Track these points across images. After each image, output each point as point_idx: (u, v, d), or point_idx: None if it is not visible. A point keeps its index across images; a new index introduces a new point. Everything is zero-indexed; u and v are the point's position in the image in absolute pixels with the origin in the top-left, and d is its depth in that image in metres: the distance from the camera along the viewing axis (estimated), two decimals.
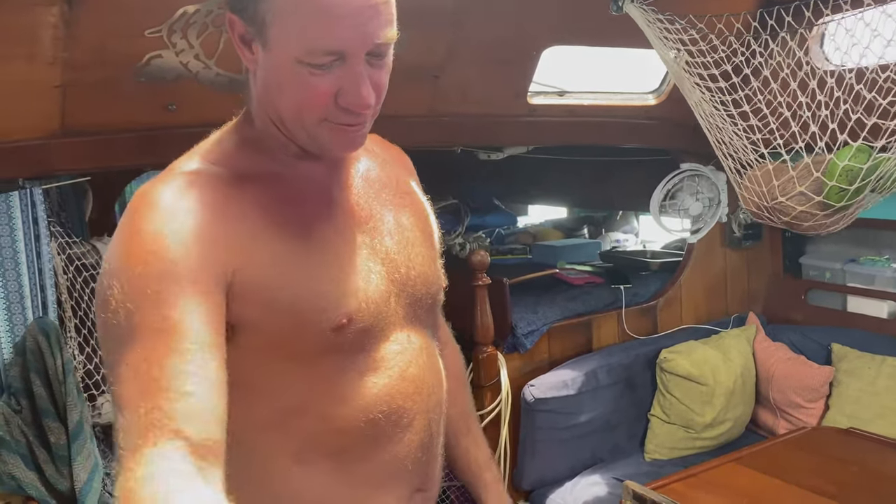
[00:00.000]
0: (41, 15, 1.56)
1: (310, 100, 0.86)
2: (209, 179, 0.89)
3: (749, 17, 1.89)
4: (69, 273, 1.98)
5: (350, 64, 0.84)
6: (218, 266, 0.83)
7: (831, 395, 2.66)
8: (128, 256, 0.81)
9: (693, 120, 2.06)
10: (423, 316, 1.03)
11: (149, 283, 0.79)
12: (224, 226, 0.85)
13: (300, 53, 0.83)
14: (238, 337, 0.87)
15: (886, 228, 2.78)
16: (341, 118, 0.87)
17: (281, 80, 0.87)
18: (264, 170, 0.93)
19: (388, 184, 1.04)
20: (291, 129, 0.91)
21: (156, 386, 0.75)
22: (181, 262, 0.80)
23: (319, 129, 0.88)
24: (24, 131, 1.78)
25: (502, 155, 3.03)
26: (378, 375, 0.93)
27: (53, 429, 1.83)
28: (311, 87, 0.85)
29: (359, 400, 0.92)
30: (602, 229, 4.33)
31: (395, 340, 0.96)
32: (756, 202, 1.97)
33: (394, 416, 0.94)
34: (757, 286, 3.24)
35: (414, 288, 1.00)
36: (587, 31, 2.31)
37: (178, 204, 0.84)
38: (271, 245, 0.87)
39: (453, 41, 2.13)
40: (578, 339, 2.83)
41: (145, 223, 0.83)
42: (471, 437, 1.27)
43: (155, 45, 1.74)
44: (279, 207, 0.90)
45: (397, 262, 0.98)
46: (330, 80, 0.85)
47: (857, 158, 1.73)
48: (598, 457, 2.64)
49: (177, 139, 1.86)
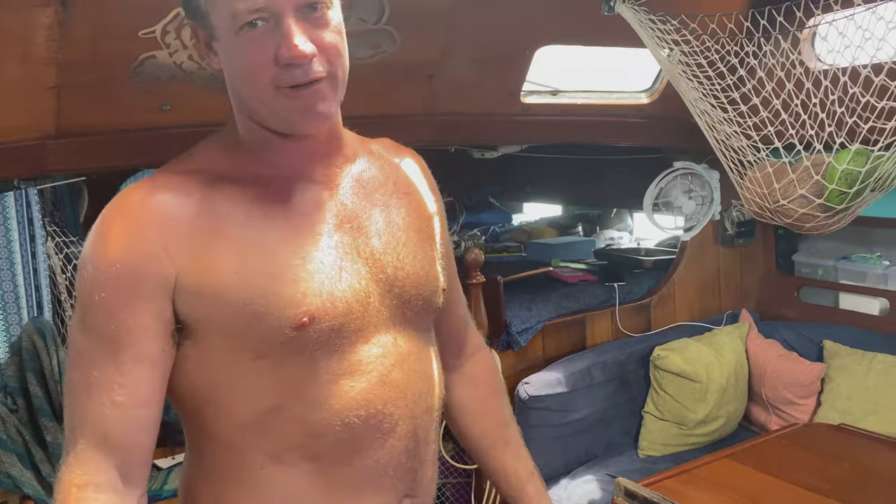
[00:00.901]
0: (36, 16, 1.56)
1: (252, 63, 0.88)
2: (186, 181, 0.91)
3: (741, 18, 1.90)
4: (67, 272, 1.99)
5: (280, 21, 0.86)
6: (163, 270, 0.87)
7: (823, 391, 2.68)
8: (86, 256, 0.89)
9: (686, 118, 2.08)
10: (414, 318, 1.01)
11: (97, 287, 0.86)
12: (181, 228, 0.88)
13: (231, 21, 0.87)
14: (203, 336, 0.89)
15: (878, 226, 2.80)
16: (288, 78, 0.87)
17: (229, 58, 0.91)
18: (245, 171, 0.94)
19: (384, 184, 1.03)
20: (253, 107, 0.92)
21: (94, 388, 0.86)
22: (125, 271, 0.86)
23: (275, 100, 0.89)
24: (19, 132, 1.78)
25: (496, 154, 3.04)
26: (354, 379, 0.92)
27: (50, 428, 1.83)
28: (249, 51, 0.87)
29: (333, 403, 0.91)
30: (596, 227, 4.35)
31: (376, 343, 0.95)
32: (759, 203, 1.98)
33: (373, 420, 0.93)
34: (750, 283, 3.26)
35: (402, 289, 0.98)
36: (580, 31, 2.32)
37: (141, 207, 0.89)
38: (234, 244, 0.89)
39: (447, 41, 2.14)
40: (573, 336, 2.85)
41: (106, 226, 0.89)
42: (510, 450, 1.22)
43: (149, 45, 1.75)
44: (252, 207, 0.91)
45: (383, 262, 0.97)
46: (264, 40, 0.87)
47: (856, 161, 1.73)
48: (593, 454, 2.66)
49: (171, 139, 1.88)
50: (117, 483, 0.85)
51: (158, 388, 0.89)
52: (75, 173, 2.11)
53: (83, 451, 0.85)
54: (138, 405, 0.86)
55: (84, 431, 0.85)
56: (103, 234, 0.88)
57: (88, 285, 0.87)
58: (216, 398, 0.91)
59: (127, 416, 0.86)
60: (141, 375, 0.86)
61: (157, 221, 0.87)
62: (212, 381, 0.91)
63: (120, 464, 0.86)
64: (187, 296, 0.87)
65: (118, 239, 0.87)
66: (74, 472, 0.84)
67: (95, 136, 1.89)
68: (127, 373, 0.86)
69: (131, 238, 0.86)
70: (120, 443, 0.85)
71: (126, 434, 0.86)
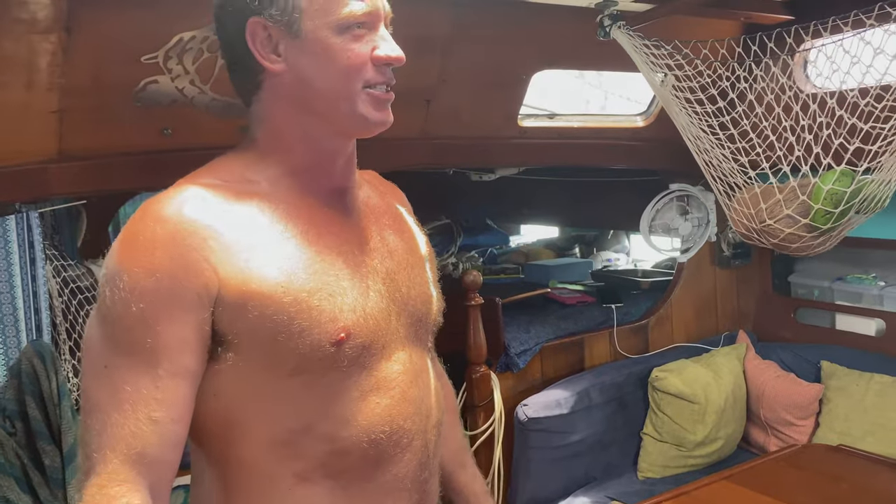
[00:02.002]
0: (39, 42, 1.59)
1: (355, 62, 0.93)
2: (216, 191, 0.91)
3: (733, 44, 1.94)
4: (64, 296, 1.99)
5: (376, 29, 0.96)
6: (205, 280, 0.85)
7: (821, 412, 2.68)
8: (120, 267, 0.85)
9: (681, 141, 2.10)
10: (424, 336, 1.05)
11: (134, 298, 0.83)
12: (221, 239, 0.87)
13: (336, 21, 0.92)
14: (242, 351, 0.88)
15: (873, 247, 2.82)
16: (379, 77, 0.95)
17: (324, 55, 0.94)
18: (271, 185, 0.95)
19: (386, 211, 1.08)
20: (333, 106, 0.95)
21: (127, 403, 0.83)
22: (167, 280, 0.83)
23: (359, 99, 0.94)
24: (21, 156, 1.80)
25: (494, 176, 3.06)
26: (380, 395, 0.94)
27: (48, 451, 1.82)
28: (354, 50, 0.93)
29: (362, 420, 0.93)
30: (594, 248, 4.37)
31: (397, 360, 0.97)
32: (745, 224, 2.01)
33: (395, 436, 0.95)
34: (747, 304, 3.28)
35: (415, 307, 1.02)
36: (576, 56, 2.36)
37: (178, 216, 0.86)
38: (274, 257, 0.89)
39: (445, 66, 2.17)
40: (571, 358, 2.85)
41: (142, 235, 0.86)
42: (468, 472, 1.29)
43: (151, 70, 1.77)
44: (282, 222, 0.92)
45: (398, 281, 1.00)
46: (367, 44, 0.94)
47: (841, 182, 1.77)
48: (592, 475, 2.65)
49: (172, 163, 1.90)
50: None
51: (191, 404, 0.87)
52: (76, 196, 2.12)
53: (116, 471, 0.81)
54: (175, 421, 0.84)
55: (117, 449, 0.82)
56: (138, 243, 0.85)
57: (124, 296, 0.83)
58: (244, 418, 0.90)
59: (164, 432, 0.83)
60: (178, 390, 0.84)
61: (197, 230, 0.86)
62: (242, 399, 0.90)
63: (153, 483, 0.84)
64: (230, 308, 0.86)
65: (157, 248, 0.84)
66: (109, 493, 0.81)
67: (97, 159, 1.91)
68: (165, 388, 0.83)
69: (172, 247, 0.84)
70: (156, 461, 0.83)
71: (162, 451, 0.84)
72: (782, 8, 2.11)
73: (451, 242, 4.12)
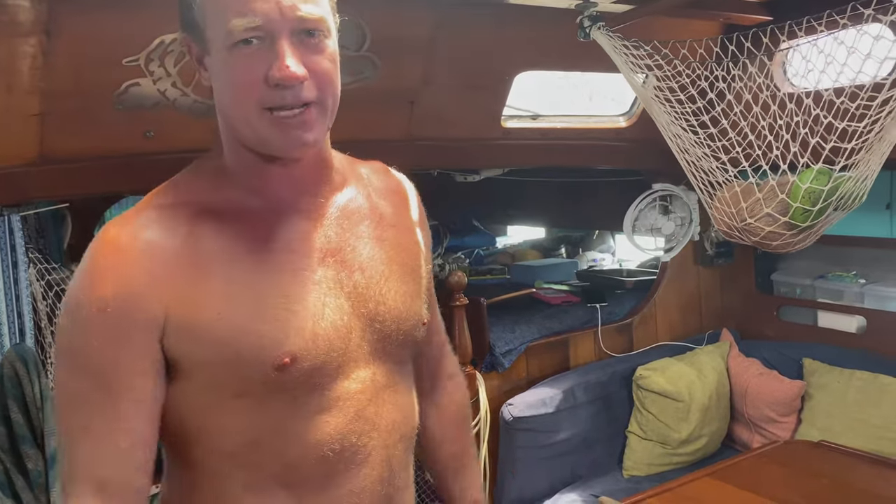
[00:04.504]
0: (19, 45, 1.58)
1: (241, 80, 0.87)
2: (172, 215, 0.90)
3: (711, 44, 1.96)
4: (48, 299, 1.99)
5: (275, 42, 0.86)
6: (154, 310, 0.86)
7: (803, 408, 2.71)
8: (77, 298, 0.87)
9: (663, 141, 2.12)
10: (394, 352, 1.00)
11: (91, 331, 0.85)
12: (168, 267, 0.87)
13: (225, 37, 0.86)
14: (187, 374, 0.89)
15: (853, 245, 2.85)
16: (276, 100, 0.86)
17: (219, 75, 0.90)
18: (230, 202, 0.93)
19: (369, 216, 1.02)
20: (238, 127, 0.91)
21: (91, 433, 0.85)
22: (117, 312, 0.85)
23: (261, 121, 0.88)
24: (2, 159, 1.79)
25: (479, 177, 3.08)
26: (332, 415, 0.93)
27: (31, 455, 1.82)
28: (240, 67, 0.86)
29: (310, 438, 0.92)
30: (579, 249, 4.39)
31: (355, 379, 0.95)
32: (727, 223, 2.03)
33: (346, 453, 0.94)
34: (730, 303, 3.31)
35: (383, 324, 0.98)
36: (557, 57, 2.38)
37: (130, 246, 0.87)
38: (218, 283, 0.88)
39: (428, 68, 2.18)
40: (556, 357, 2.87)
41: (94, 266, 0.88)
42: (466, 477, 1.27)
43: (133, 73, 1.77)
44: (236, 243, 0.91)
45: (366, 296, 0.97)
46: (257, 59, 0.86)
47: (818, 180, 1.79)
48: (578, 474, 2.67)
49: (154, 166, 1.90)
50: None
51: (156, 426, 0.89)
52: (58, 200, 2.11)
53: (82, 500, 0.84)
54: (138, 446, 0.86)
55: (83, 478, 0.85)
56: (92, 274, 0.87)
57: (80, 328, 0.86)
58: (198, 432, 0.91)
59: (129, 458, 0.86)
60: (139, 416, 0.86)
61: (144, 261, 0.87)
62: (195, 416, 0.91)
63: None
64: (174, 334, 0.87)
65: (108, 280, 0.86)
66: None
67: (79, 162, 1.90)
68: (127, 416, 0.85)
69: (120, 279, 0.86)
70: (122, 487, 0.85)
71: (128, 477, 0.86)
72: (760, 9, 2.14)
73: (438, 244, 4.13)
